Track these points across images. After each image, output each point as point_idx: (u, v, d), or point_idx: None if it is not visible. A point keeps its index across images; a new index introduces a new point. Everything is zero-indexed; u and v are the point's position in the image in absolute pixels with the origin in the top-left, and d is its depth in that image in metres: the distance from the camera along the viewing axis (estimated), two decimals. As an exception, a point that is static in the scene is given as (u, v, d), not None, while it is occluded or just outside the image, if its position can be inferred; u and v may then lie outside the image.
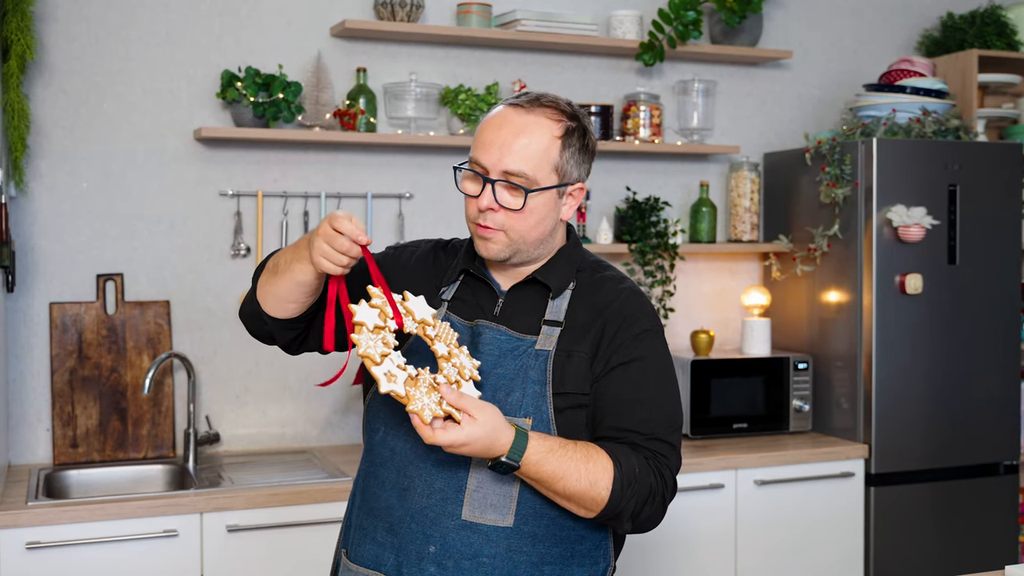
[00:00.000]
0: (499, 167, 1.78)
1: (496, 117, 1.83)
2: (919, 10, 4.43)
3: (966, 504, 3.72)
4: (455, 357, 1.73)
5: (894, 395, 3.62)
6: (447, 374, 1.71)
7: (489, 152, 1.79)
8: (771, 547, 3.49)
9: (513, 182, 1.78)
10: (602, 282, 1.90)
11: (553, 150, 1.81)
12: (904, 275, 3.61)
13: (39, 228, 3.27)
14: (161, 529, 2.82)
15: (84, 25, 3.30)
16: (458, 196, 3.67)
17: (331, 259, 1.73)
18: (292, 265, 1.82)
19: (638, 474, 1.74)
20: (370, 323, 1.68)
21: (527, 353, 1.81)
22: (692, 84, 3.90)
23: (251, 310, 1.95)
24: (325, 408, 3.57)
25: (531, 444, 1.69)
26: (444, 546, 1.76)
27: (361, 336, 1.67)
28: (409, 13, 3.50)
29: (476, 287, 1.91)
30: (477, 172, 1.80)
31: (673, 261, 3.82)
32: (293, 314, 1.89)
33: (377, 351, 1.67)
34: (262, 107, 3.33)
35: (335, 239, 1.71)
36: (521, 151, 1.78)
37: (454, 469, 1.78)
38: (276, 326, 1.92)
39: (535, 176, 1.79)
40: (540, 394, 1.79)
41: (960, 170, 3.71)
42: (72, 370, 3.25)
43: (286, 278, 1.83)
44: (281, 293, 1.86)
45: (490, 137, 1.80)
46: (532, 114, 1.81)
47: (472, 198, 1.82)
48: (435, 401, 1.67)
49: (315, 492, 2.96)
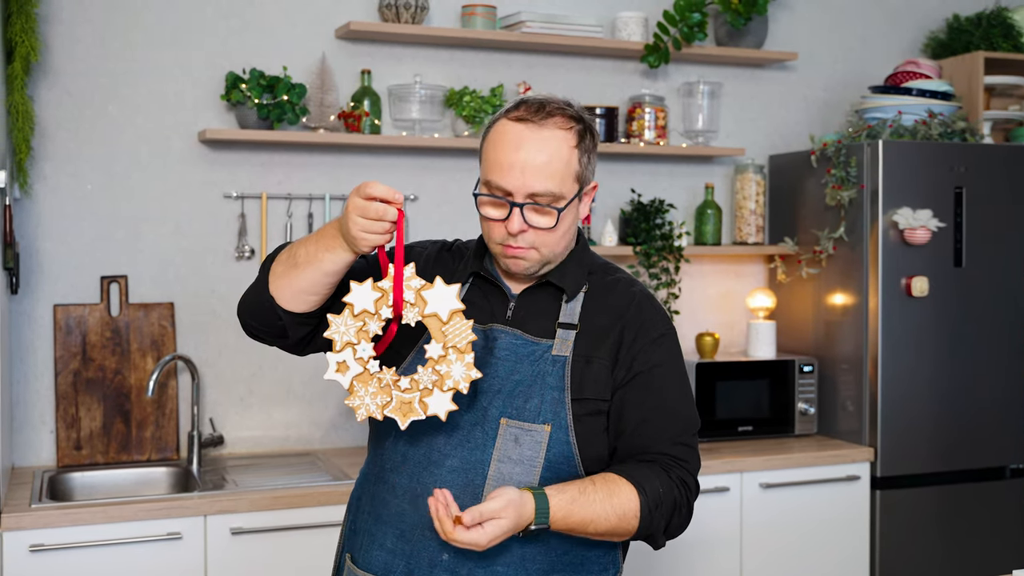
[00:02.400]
0: (525, 190, 1.74)
1: (509, 137, 1.76)
2: (925, 12, 4.42)
3: (972, 508, 3.71)
4: (444, 363, 1.67)
5: (900, 398, 3.60)
6: (417, 379, 1.66)
7: (511, 176, 1.74)
8: (776, 550, 3.48)
9: (542, 203, 1.75)
10: (614, 285, 1.88)
11: (572, 161, 1.78)
12: (910, 278, 3.60)
13: (43, 230, 3.27)
14: (165, 532, 2.81)
15: (88, 27, 3.30)
16: (461, 198, 3.67)
17: (372, 230, 1.67)
18: (319, 255, 1.75)
19: (662, 494, 1.75)
20: (358, 307, 1.64)
21: (543, 358, 1.79)
22: (697, 86, 3.89)
23: (258, 307, 1.86)
24: (329, 411, 3.56)
25: (553, 502, 1.68)
26: (458, 554, 1.75)
27: (337, 318, 1.64)
28: (414, 15, 3.50)
29: (486, 290, 1.88)
30: (501, 198, 1.75)
31: (678, 263, 3.81)
32: (313, 307, 1.82)
33: (343, 338, 1.63)
34: (266, 109, 3.33)
35: (368, 208, 1.66)
36: (545, 170, 1.74)
37: (470, 476, 1.76)
38: (292, 320, 1.83)
39: (561, 192, 1.76)
40: (559, 400, 1.77)
41: (966, 172, 3.70)
42: (76, 372, 3.25)
43: (312, 269, 1.76)
44: (304, 286, 1.78)
45: (508, 159, 1.74)
46: (545, 128, 1.76)
47: (497, 222, 1.77)
48: (379, 404, 1.64)
49: (319, 495, 2.95)
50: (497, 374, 1.78)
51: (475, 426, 1.77)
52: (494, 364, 1.79)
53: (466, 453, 1.76)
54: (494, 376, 1.79)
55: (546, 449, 1.76)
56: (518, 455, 1.75)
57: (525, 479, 1.75)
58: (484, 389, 1.79)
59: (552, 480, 1.76)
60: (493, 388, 1.78)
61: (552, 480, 1.76)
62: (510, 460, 1.75)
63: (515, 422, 1.76)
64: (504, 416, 1.76)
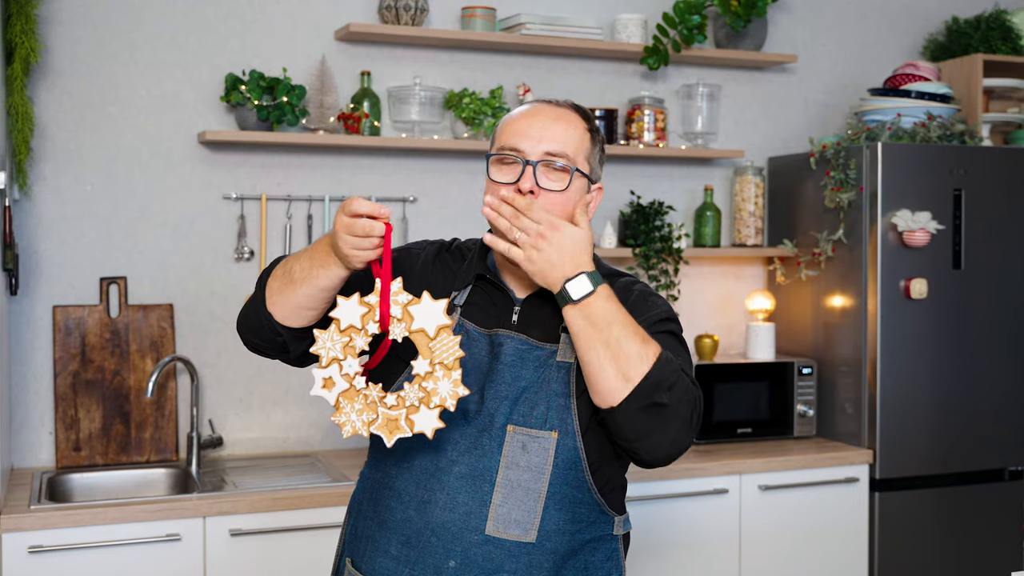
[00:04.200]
0: (539, 148, 1.77)
1: (525, 110, 1.84)
2: (924, 14, 4.42)
3: (971, 510, 3.71)
4: (431, 380, 1.65)
5: (899, 400, 3.61)
6: (404, 395, 1.65)
7: (526, 137, 1.78)
8: (775, 553, 3.48)
9: (557, 162, 1.78)
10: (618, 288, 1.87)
11: (586, 140, 1.83)
12: (909, 280, 3.60)
13: (43, 231, 3.27)
14: (164, 533, 2.81)
15: (88, 28, 3.30)
16: (461, 200, 3.67)
17: (360, 247, 1.67)
18: (314, 271, 1.74)
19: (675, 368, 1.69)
20: (344, 322, 1.64)
21: (548, 364, 1.79)
22: (697, 88, 3.90)
23: (257, 324, 1.85)
24: (328, 412, 3.56)
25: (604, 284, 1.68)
26: (465, 561, 1.74)
27: (324, 334, 1.64)
28: (413, 17, 3.50)
29: (490, 293, 1.87)
30: (515, 157, 1.78)
31: (677, 265, 3.81)
32: (311, 321, 1.81)
33: (328, 354, 1.63)
34: (266, 110, 3.33)
35: (354, 225, 1.65)
36: (561, 133, 1.79)
37: (479, 483, 1.75)
38: (291, 336, 1.83)
39: (575, 158, 1.80)
40: (565, 407, 1.76)
41: (965, 175, 3.70)
42: (75, 373, 3.25)
43: (308, 285, 1.75)
44: (301, 302, 1.78)
45: (524, 124, 1.80)
46: (561, 108, 1.84)
47: (503, 185, 1.77)
48: (365, 421, 1.63)
49: (318, 496, 2.95)
50: (503, 380, 1.78)
51: (482, 432, 1.76)
52: (500, 370, 1.78)
53: (474, 460, 1.75)
54: (500, 382, 1.78)
55: (554, 456, 1.75)
56: (526, 462, 1.74)
57: (534, 485, 1.74)
58: (491, 395, 1.78)
59: (561, 486, 1.75)
60: (500, 394, 1.78)
61: (561, 486, 1.75)
62: (518, 467, 1.74)
63: (522, 429, 1.75)
64: (511, 423, 1.75)
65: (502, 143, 1.81)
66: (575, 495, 1.78)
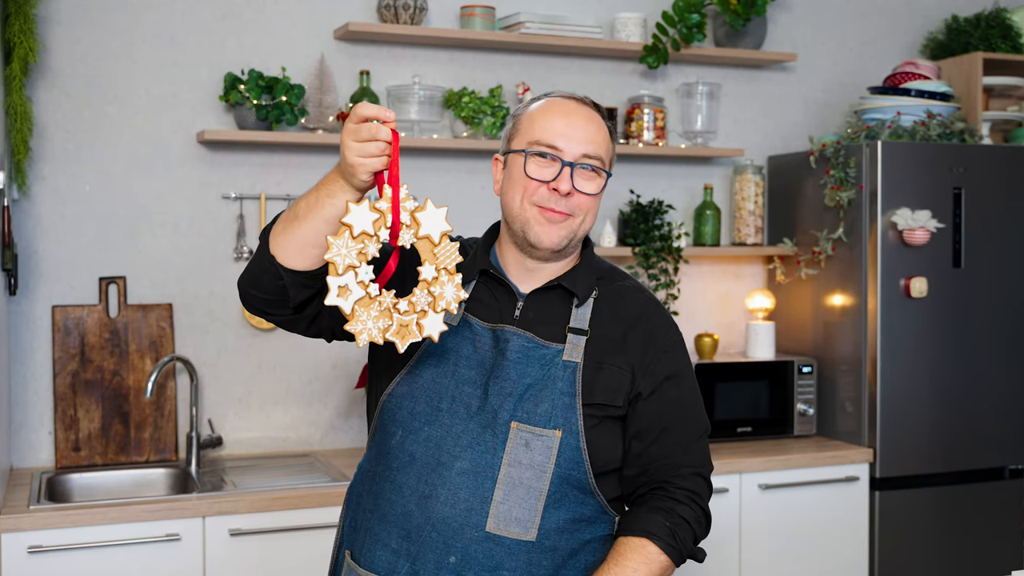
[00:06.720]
0: (578, 150, 1.81)
1: (559, 106, 1.84)
2: (924, 13, 4.42)
3: (971, 508, 3.70)
4: (437, 285, 1.66)
5: (899, 399, 3.60)
6: (415, 301, 1.65)
7: (565, 136, 1.81)
8: (775, 551, 3.48)
9: (592, 164, 1.81)
10: (624, 292, 1.90)
11: (609, 144, 1.87)
12: (909, 278, 3.60)
13: (42, 231, 3.26)
14: (163, 533, 2.81)
15: (87, 28, 3.30)
16: (461, 199, 3.67)
17: (367, 152, 1.65)
18: (321, 202, 1.71)
19: (674, 524, 1.81)
20: (357, 228, 1.62)
21: (554, 363, 1.79)
22: (696, 87, 3.89)
23: (259, 272, 1.79)
24: (328, 412, 3.56)
25: None
26: (465, 557, 1.73)
27: (338, 240, 1.62)
28: (412, 16, 3.49)
29: (494, 288, 1.87)
30: (554, 155, 1.80)
31: (677, 264, 3.81)
32: (315, 260, 1.74)
33: (344, 261, 1.61)
34: (265, 110, 3.33)
35: (360, 130, 1.64)
36: (596, 136, 1.83)
37: (480, 480, 1.74)
38: (294, 280, 1.77)
39: (606, 160, 1.85)
40: (570, 406, 1.77)
41: (965, 173, 3.70)
42: (74, 373, 3.25)
43: (314, 217, 1.71)
44: (308, 238, 1.72)
45: (563, 124, 1.81)
46: (586, 107, 1.86)
47: (542, 183, 1.81)
48: (381, 328, 1.62)
49: (318, 496, 2.95)
50: (508, 376, 1.78)
51: (485, 428, 1.76)
52: (505, 366, 1.78)
53: (476, 456, 1.75)
54: (505, 378, 1.78)
55: (557, 454, 1.75)
56: (528, 460, 1.74)
57: (535, 484, 1.74)
58: (495, 391, 1.78)
59: (562, 485, 1.75)
60: (504, 391, 1.77)
61: (562, 485, 1.75)
62: (520, 464, 1.74)
63: (526, 426, 1.75)
64: (514, 420, 1.75)
65: (538, 138, 1.82)
66: (576, 494, 1.78)
